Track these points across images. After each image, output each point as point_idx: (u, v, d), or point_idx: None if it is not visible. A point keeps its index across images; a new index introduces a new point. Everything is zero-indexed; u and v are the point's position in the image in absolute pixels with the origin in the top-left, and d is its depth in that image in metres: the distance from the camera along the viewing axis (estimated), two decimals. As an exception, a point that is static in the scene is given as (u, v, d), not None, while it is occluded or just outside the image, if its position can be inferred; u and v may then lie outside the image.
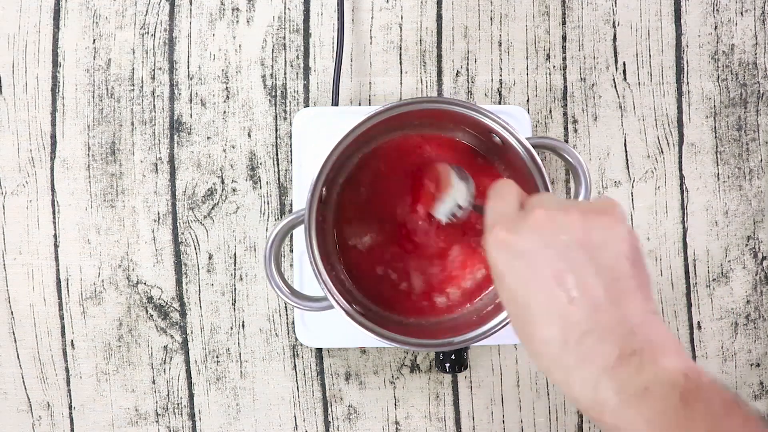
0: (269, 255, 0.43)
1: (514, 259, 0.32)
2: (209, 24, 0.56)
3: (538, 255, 0.32)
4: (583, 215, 0.32)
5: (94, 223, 0.56)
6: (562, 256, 0.31)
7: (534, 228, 0.32)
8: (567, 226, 0.32)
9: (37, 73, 0.56)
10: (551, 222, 0.32)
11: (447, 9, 0.57)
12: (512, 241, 0.33)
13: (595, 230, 0.32)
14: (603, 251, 0.32)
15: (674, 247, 0.57)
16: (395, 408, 0.57)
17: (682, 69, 0.57)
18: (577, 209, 0.33)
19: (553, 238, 0.32)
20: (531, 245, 0.32)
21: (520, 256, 0.32)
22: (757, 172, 0.57)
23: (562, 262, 0.31)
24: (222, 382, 0.56)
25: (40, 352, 0.56)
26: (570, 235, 0.32)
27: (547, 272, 0.31)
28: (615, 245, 0.32)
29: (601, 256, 0.31)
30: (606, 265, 0.31)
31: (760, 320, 0.57)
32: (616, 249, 0.32)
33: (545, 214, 0.33)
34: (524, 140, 0.43)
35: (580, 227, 0.32)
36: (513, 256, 0.32)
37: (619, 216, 0.33)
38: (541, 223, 0.32)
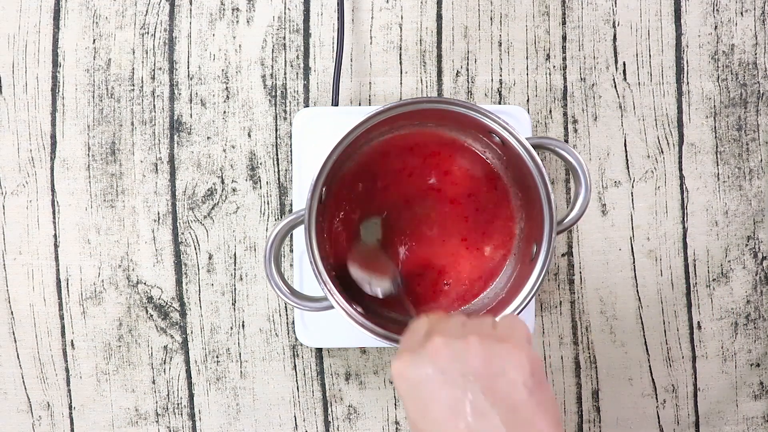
0: (269, 255, 0.43)
1: (412, 389, 0.32)
2: (209, 24, 0.56)
3: (434, 384, 0.32)
4: (481, 343, 0.32)
5: (94, 223, 0.56)
6: (458, 385, 0.31)
7: (431, 356, 0.32)
8: (463, 353, 0.32)
9: (37, 73, 0.56)
10: (448, 350, 0.32)
11: (447, 9, 0.57)
12: (409, 371, 0.32)
13: (492, 359, 0.32)
14: (499, 380, 0.31)
15: (674, 247, 0.57)
16: (395, 408, 0.57)
17: (682, 69, 0.57)
18: (477, 336, 0.33)
19: (449, 367, 0.32)
20: (427, 374, 0.32)
21: (416, 385, 0.32)
22: (757, 172, 0.57)
23: (457, 391, 0.31)
24: (222, 382, 0.56)
25: (40, 352, 0.56)
26: (465, 364, 0.32)
27: (443, 402, 0.31)
28: (513, 374, 0.31)
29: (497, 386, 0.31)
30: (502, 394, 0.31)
31: (760, 320, 0.58)
32: (513, 378, 0.31)
33: (443, 342, 0.32)
34: (524, 140, 0.43)
35: (477, 356, 0.32)
36: (410, 386, 0.32)
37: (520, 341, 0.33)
38: (438, 351, 0.32)
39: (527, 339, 0.34)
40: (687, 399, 0.57)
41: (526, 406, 0.31)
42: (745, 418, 0.58)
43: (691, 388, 0.57)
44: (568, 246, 0.57)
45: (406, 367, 0.33)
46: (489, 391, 0.31)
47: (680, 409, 0.57)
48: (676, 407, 0.57)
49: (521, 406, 0.31)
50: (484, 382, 0.31)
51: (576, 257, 0.57)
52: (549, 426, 0.31)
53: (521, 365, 0.32)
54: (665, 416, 0.57)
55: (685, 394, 0.57)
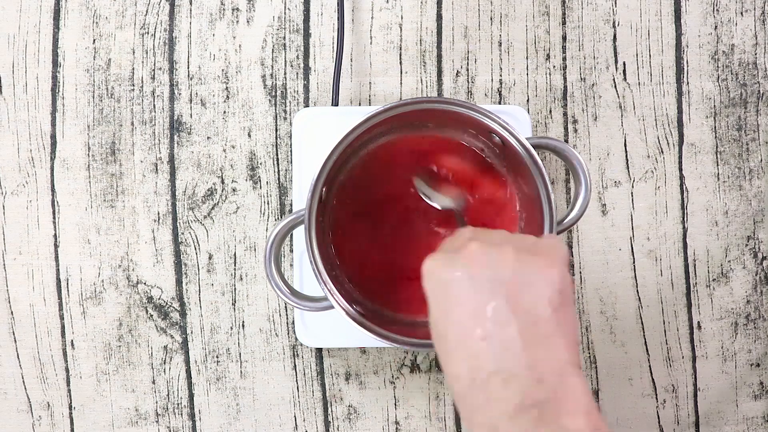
0: (269, 255, 0.43)
1: (439, 289, 0.32)
2: (209, 24, 0.56)
3: (461, 287, 0.31)
4: (516, 253, 0.32)
5: (94, 223, 0.56)
6: (484, 290, 0.31)
7: (464, 260, 0.32)
8: (496, 261, 0.32)
9: (37, 73, 0.56)
10: (482, 255, 0.32)
11: (447, 9, 0.57)
12: (440, 271, 0.32)
13: (523, 270, 0.31)
14: (526, 292, 0.31)
15: (674, 247, 0.57)
16: (395, 408, 0.57)
17: (682, 69, 0.57)
18: (512, 246, 0.32)
19: (479, 272, 0.31)
20: (456, 276, 0.32)
21: (445, 286, 0.32)
22: (757, 172, 0.57)
23: (482, 297, 0.31)
24: (222, 382, 0.56)
25: (40, 352, 0.56)
26: (496, 271, 0.31)
27: (467, 305, 0.31)
28: (540, 288, 0.31)
29: (522, 297, 0.31)
30: (526, 306, 0.30)
31: (760, 320, 0.58)
32: (540, 292, 0.31)
33: (478, 248, 0.32)
34: (524, 140, 0.43)
35: (509, 264, 0.31)
36: (439, 285, 0.32)
37: (557, 258, 0.32)
38: (472, 256, 0.32)
39: (564, 260, 0.33)
40: (687, 399, 0.57)
41: (547, 321, 0.30)
42: (745, 418, 0.58)
43: (691, 388, 0.57)
44: (568, 246, 0.57)
45: (437, 267, 0.33)
46: (513, 301, 0.30)
47: (680, 409, 0.57)
48: (676, 407, 0.57)
49: (542, 320, 0.30)
50: (509, 291, 0.31)
51: (576, 257, 0.57)
52: (566, 346, 0.30)
53: (550, 280, 0.31)
54: (665, 416, 0.57)
55: (685, 394, 0.57)
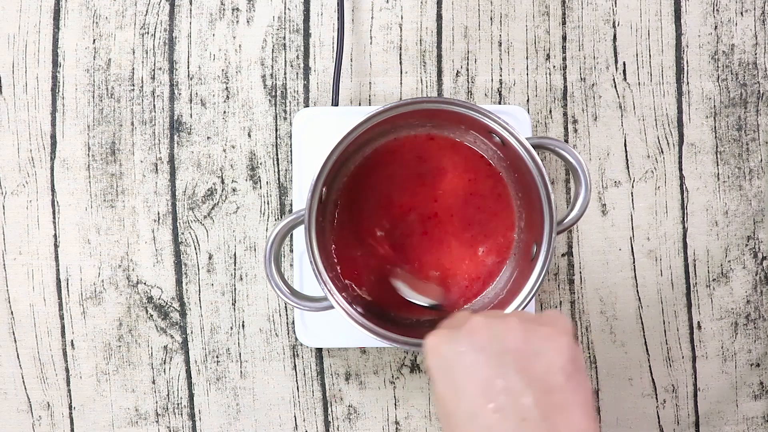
0: (269, 255, 0.43)
1: (444, 365, 0.31)
2: (209, 24, 0.56)
3: (467, 360, 0.30)
4: (522, 323, 0.31)
5: (94, 223, 0.56)
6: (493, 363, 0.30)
7: (468, 334, 0.31)
8: (502, 332, 0.31)
9: (37, 73, 0.56)
10: (487, 328, 0.31)
11: (447, 9, 0.57)
12: (445, 346, 0.32)
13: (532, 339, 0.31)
14: (537, 362, 0.30)
15: (674, 247, 0.57)
16: (395, 408, 0.57)
17: (682, 69, 0.57)
18: (517, 318, 0.32)
19: (485, 345, 0.31)
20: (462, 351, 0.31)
21: (450, 362, 0.31)
22: (757, 172, 0.57)
23: (491, 369, 0.30)
24: (222, 382, 0.56)
25: (40, 352, 0.56)
26: (504, 342, 0.31)
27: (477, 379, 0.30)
28: (551, 357, 0.30)
29: (534, 367, 0.30)
30: (538, 376, 0.30)
31: (760, 320, 0.58)
32: (552, 360, 0.30)
33: (482, 321, 0.32)
34: (524, 140, 0.43)
35: (517, 335, 0.31)
36: (444, 361, 0.31)
37: (562, 328, 0.32)
38: (476, 329, 0.31)
39: (569, 329, 0.33)
40: (687, 399, 0.57)
41: (562, 390, 0.29)
42: (745, 418, 0.58)
43: (691, 388, 0.57)
44: (568, 246, 0.57)
45: (441, 343, 0.32)
46: (524, 371, 0.30)
47: (680, 409, 0.57)
48: (676, 407, 0.57)
49: (557, 389, 0.29)
50: (520, 362, 0.30)
51: (576, 257, 0.57)
52: (584, 415, 0.29)
53: (561, 349, 0.30)
54: (665, 416, 0.57)
55: (685, 394, 0.57)
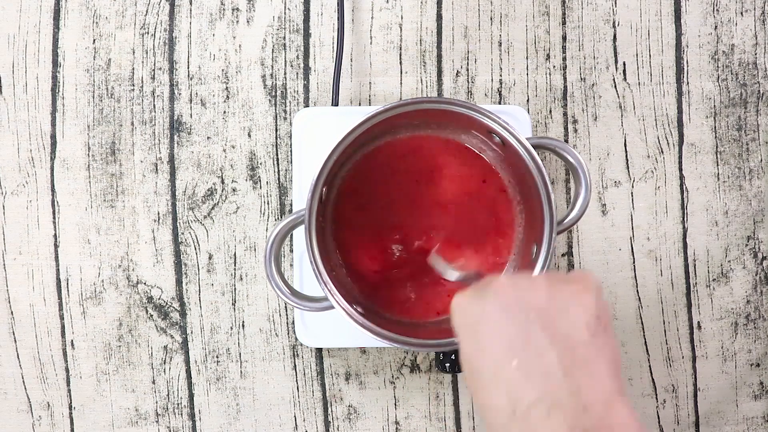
0: (269, 255, 0.43)
1: (470, 324, 0.32)
2: (209, 24, 0.56)
3: (492, 318, 0.31)
4: (548, 282, 0.31)
5: (94, 223, 0.56)
6: (517, 321, 0.30)
7: (495, 292, 0.31)
8: (528, 291, 0.31)
9: (37, 73, 0.56)
10: (512, 287, 0.31)
11: (447, 9, 0.57)
12: (470, 304, 0.32)
13: (557, 297, 0.31)
14: (561, 318, 0.30)
15: (674, 247, 0.57)
16: (395, 408, 0.57)
17: (682, 69, 0.57)
18: (544, 277, 0.32)
19: (510, 303, 0.31)
20: (488, 308, 0.31)
21: (475, 318, 0.31)
22: (757, 172, 0.57)
23: (516, 327, 0.30)
24: (222, 382, 0.56)
25: (40, 352, 0.56)
26: (528, 300, 0.31)
27: (500, 336, 0.30)
28: (576, 314, 0.30)
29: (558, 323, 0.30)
30: (563, 332, 0.30)
31: (760, 320, 0.58)
32: (577, 317, 0.30)
33: (508, 280, 0.32)
34: (524, 140, 0.43)
35: (542, 293, 0.31)
36: (469, 320, 0.32)
37: (590, 285, 0.32)
38: (502, 287, 0.31)
39: (597, 286, 0.32)
40: (687, 399, 0.57)
41: (586, 347, 0.29)
42: (745, 418, 0.58)
43: (691, 388, 0.57)
44: (568, 246, 0.57)
45: (467, 301, 0.32)
46: (549, 328, 0.30)
47: (680, 409, 0.57)
48: (676, 407, 0.57)
49: (581, 346, 0.29)
50: (545, 319, 0.30)
51: (576, 257, 0.57)
52: (608, 372, 0.29)
53: (586, 306, 0.30)
54: (665, 416, 0.57)
55: (685, 394, 0.57)
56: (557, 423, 0.28)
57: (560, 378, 0.29)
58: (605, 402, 0.28)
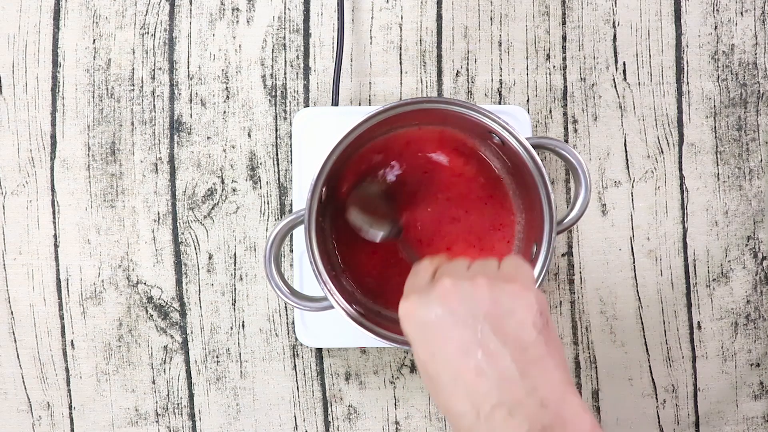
0: (269, 255, 0.43)
1: (422, 331, 0.32)
2: (209, 24, 0.56)
3: (444, 325, 0.31)
4: (489, 283, 0.32)
5: (94, 223, 0.56)
6: (468, 326, 0.31)
7: (440, 298, 0.32)
8: (472, 295, 0.32)
9: (37, 73, 0.56)
10: (457, 291, 0.32)
11: (447, 9, 0.57)
12: (418, 312, 0.32)
13: (501, 299, 0.32)
14: (509, 320, 0.31)
15: (674, 247, 0.57)
16: (395, 408, 0.57)
17: (682, 69, 0.57)
18: (484, 277, 0.32)
19: (458, 308, 0.31)
20: (436, 315, 0.32)
21: (426, 327, 0.32)
22: (757, 172, 0.57)
23: (467, 332, 0.31)
24: (222, 382, 0.56)
25: (40, 352, 0.56)
26: (475, 305, 0.31)
27: (454, 343, 0.31)
28: (522, 313, 0.31)
29: (507, 325, 0.31)
30: (513, 334, 0.31)
31: (760, 320, 0.58)
32: (523, 317, 0.31)
33: (451, 284, 0.32)
34: (524, 140, 0.43)
35: (486, 296, 0.32)
36: (420, 327, 0.32)
37: (527, 282, 0.33)
38: (447, 293, 0.32)
39: (533, 280, 0.34)
40: (687, 399, 0.57)
41: (535, 345, 0.31)
42: (745, 418, 0.58)
43: (691, 388, 0.57)
44: (568, 246, 0.57)
45: (415, 309, 0.33)
46: (499, 331, 0.31)
47: (680, 409, 0.57)
48: (676, 407, 0.57)
49: (530, 345, 0.31)
50: (493, 322, 0.31)
51: (576, 257, 0.57)
52: (557, 364, 0.31)
53: (530, 305, 0.32)
54: (665, 416, 0.57)
55: (685, 394, 0.57)
56: (519, 422, 0.29)
57: (517, 379, 0.30)
58: (559, 396, 0.30)
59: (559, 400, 0.29)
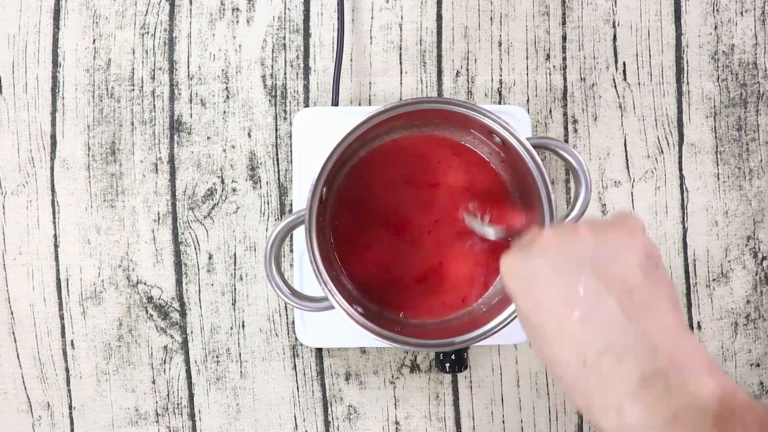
0: (269, 255, 0.43)
1: (523, 282, 0.31)
2: (209, 24, 0.56)
3: (545, 275, 0.30)
4: (593, 229, 0.31)
5: (94, 223, 0.56)
6: (570, 272, 0.30)
7: (542, 248, 0.31)
8: (575, 241, 0.31)
9: (37, 73, 0.56)
10: (559, 240, 0.31)
11: (447, 9, 0.57)
12: (520, 264, 0.32)
13: (605, 243, 0.31)
14: (613, 263, 0.30)
15: (674, 247, 0.57)
16: (395, 408, 0.57)
17: (682, 69, 0.57)
18: (587, 224, 0.32)
19: (560, 256, 0.31)
20: (538, 266, 0.31)
21: (528, 277, 0.31)
22: (757, 172, 0.57)
23: (570, 280, 0.30)
24: (222, 382, 0.56)
25: (40, 352, 0.56)
26: (578, 251, 0.30)
27: (556, 291, 0.30)
28: (626, 256, 0.30)
29: (611, 269, 0.30)
30: (617, 277, 0.30)
31: (760, 320, 0.58)
32: (627, 260, 0.30)
33: (553, 233, 0.32)
34: (524, 140, 0.43)
35: (589, 241, 0.31)
36: (522, 278, 0.31)
37: (634, 226, 0.32)
38: (549, 243, 0.31)
39: (641, 227, 0.32)
40: (687, 399, 0.57)
41: (642, 287, 0.29)
42: (745, 418, 0.58)
43: (691, 388, 0.57)
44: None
45: (515, 262, 0.32)
46: (603, 276, 0.30)
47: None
48: (676, 407, 0.57)
49: (637, 288, 0.29)
50: (597, 267, 0.30)
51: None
52: (668, 307, 0.29)
53: (635, 248, 0.30)
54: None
55: (685, 394, 0.57)
56: (629, 368, 0.27)
57: (624, 323, 0.28)
58: (672, 340, 0.28)
59: (671, 344, 0.28)
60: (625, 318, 0.29)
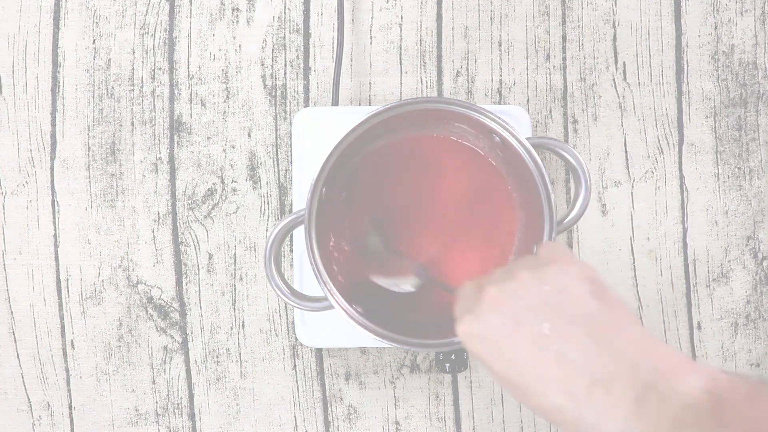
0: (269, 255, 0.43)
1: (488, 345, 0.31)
2: (209, 24, 0.56)
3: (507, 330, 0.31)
4: (531, 273, 0.32)
5: (94, 223, 0.56)
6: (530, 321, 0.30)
7: (492, 305, 0.32)
8: (520, 288, 0.31)
9: (37, 73, 0.56)
10: (505, 294, 0.32)
11: (447, 9, 0.57)
12: (476, 329, 0.32)
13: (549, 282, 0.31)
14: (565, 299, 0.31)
15: (674, 247, 0.57)
16: (395, 408, 0.57)
17: (682, 69, 0.57)
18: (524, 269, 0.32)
19: (514, 307, 0.31)
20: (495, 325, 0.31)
21: (490, 339, 0.31)
22: (757, 172, 0.57)
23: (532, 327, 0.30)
24: (222, 382, 0.56)
25: (40, 352, 0.56)
26: (527, 297, 0.31)
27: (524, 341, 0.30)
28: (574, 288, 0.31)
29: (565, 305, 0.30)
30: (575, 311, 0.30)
31: (760, 320, 0.58)
32: (577, 291, 0.31)
33: (497, 290, 0.32)
34: (524, 140, 0.43)
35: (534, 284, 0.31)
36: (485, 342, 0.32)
37: (566, 258, 0.32)
38: (497, 299, 0.32)
39: (571, 254, 0.33)
40: (687, 399, 0.57)
41: (600, 312, 0.30)
42: (745, 418, 0.58)
43: (691, 388, 0.57)
44: (568, 246, 0.57)
45: (472, 326, 0.32)
46: (562, 314, 0.30)
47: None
48: (676, 407, 0.57)
49: (596, 314, 0.30)
50: (551, 306, 0.30)
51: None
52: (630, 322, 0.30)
53: (578, 276, 0.31)
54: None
55: (685, 394, 0.57)
56: (621, 392, 0.28)
57: (598, 351, 0.29)
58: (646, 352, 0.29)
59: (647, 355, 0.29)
60: (597, 345, 0.29)
